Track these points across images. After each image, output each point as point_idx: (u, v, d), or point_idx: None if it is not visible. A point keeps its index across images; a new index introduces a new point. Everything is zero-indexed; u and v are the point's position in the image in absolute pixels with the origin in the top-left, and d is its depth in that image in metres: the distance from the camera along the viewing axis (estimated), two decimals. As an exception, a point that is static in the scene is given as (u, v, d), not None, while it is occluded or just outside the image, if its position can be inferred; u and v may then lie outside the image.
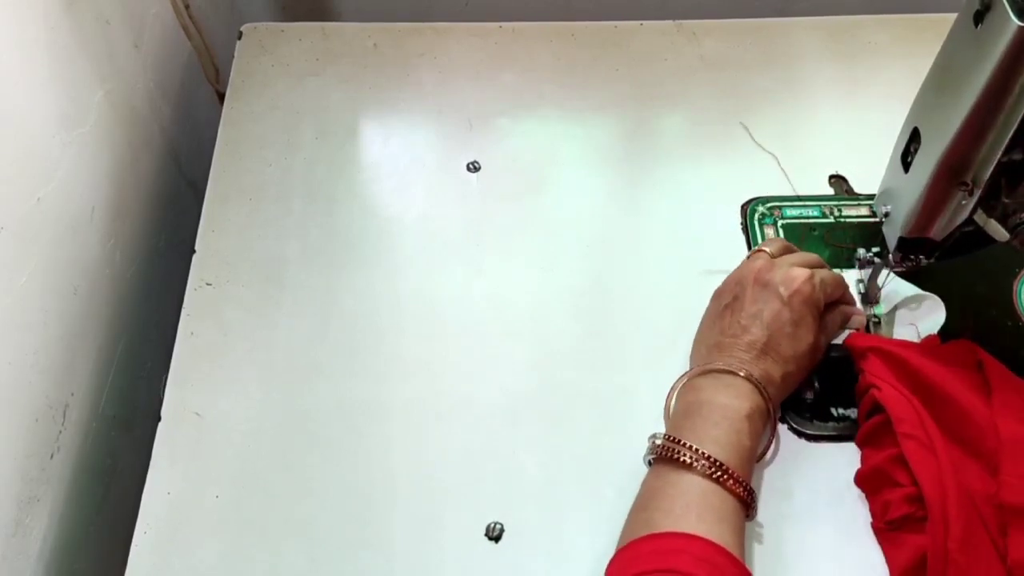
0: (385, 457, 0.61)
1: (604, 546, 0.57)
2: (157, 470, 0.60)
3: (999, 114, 0.48)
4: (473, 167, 0.75)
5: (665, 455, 0.53)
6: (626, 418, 0.63)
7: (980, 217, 0.52)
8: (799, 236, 0.71)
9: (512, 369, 0.65)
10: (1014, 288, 0.68)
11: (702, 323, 0.63)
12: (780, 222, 0.72)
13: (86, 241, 0.67)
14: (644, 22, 0.85)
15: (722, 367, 0.57)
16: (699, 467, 0.52)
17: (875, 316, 0.65)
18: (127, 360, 0.73)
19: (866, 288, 0.65)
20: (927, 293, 0.63)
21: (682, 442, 0.53)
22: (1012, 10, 0.44)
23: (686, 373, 0.59)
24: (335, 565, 0.57)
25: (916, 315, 0.64)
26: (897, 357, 0.58)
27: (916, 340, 0.62)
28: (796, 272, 0.59)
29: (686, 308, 0.68)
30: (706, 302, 0.68)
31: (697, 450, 0.52)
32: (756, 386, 0.55)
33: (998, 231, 0.52)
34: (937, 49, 0.53)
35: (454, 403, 0.63)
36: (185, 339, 0.66)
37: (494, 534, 0.58)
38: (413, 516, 0.59)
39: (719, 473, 0.51)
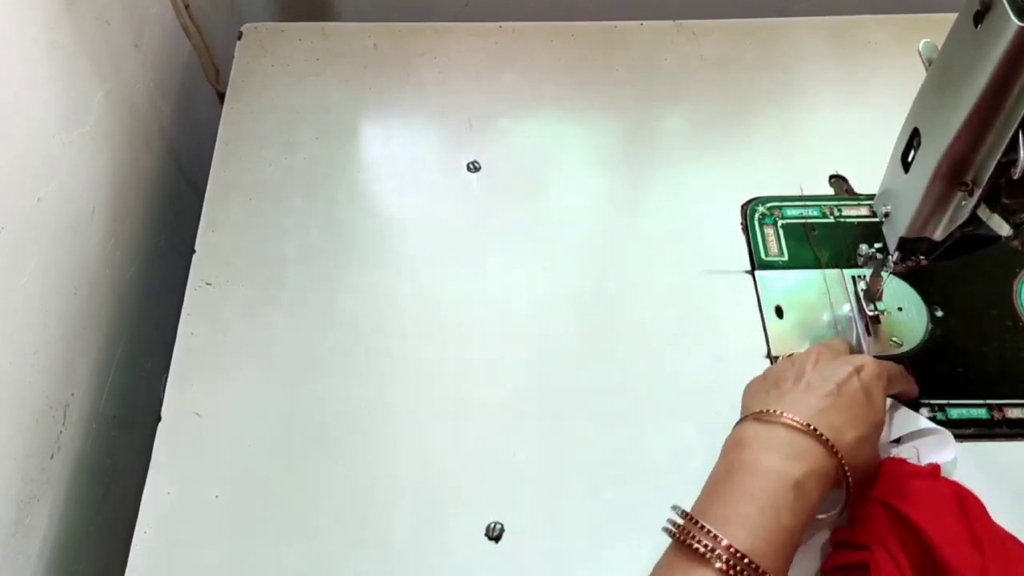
0: (385, 457, 0.61)
1: (604, 546, 0.58)
2: (157, 470, 0.60)
3: (999, 114, 0.48)
4: (473, 167, 0.75)
5: (680, 539, 0.46)
6: (626, 418, 0.63)
7: (983, 212, 0.52)
8: (799, 236, 0.71)
9: (512, 369, 0.65)
10: (1014, 288, 0.68)
11: (751, 382, 0.56)
12: (780, 222, 0.72)
13: (86, 241, 0.67)
14: (644, 22, 0.85)
15: (779, 412, 0.49)
16: (717, 562, 0.43)
17: (876, 310, 0.65)
18: (127, 360, 0.73)
19: (868, 284, 0.65)
20: (940, 428, 0.59)
21: (701, 525, 0.45)
22: (1012, 10, 0.44)
23: (739, 421, 0.52)
24: (335, 565, 0.57)
25: (922, 444, 0.58)
26: (899, 513, 0.53)
27: (917, 463, 0.57)
28: (864, 356, 0.55)
29: (686, 308, 0.68)
30: (706, 302, 0.68)
31: (718, 538, 0.44)
32: (819, 440, 0.47)
33: (1001, 225, 0.52)
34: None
35: (454, 403, 0.63)
36: (185, 339, 0.66)
37: (494, 534, 0.58)
38: (413, 516, 0.59)
39: (741, 569, 0.43)
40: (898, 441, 0.60)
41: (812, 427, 0.48)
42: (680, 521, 0.47)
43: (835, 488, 0.50)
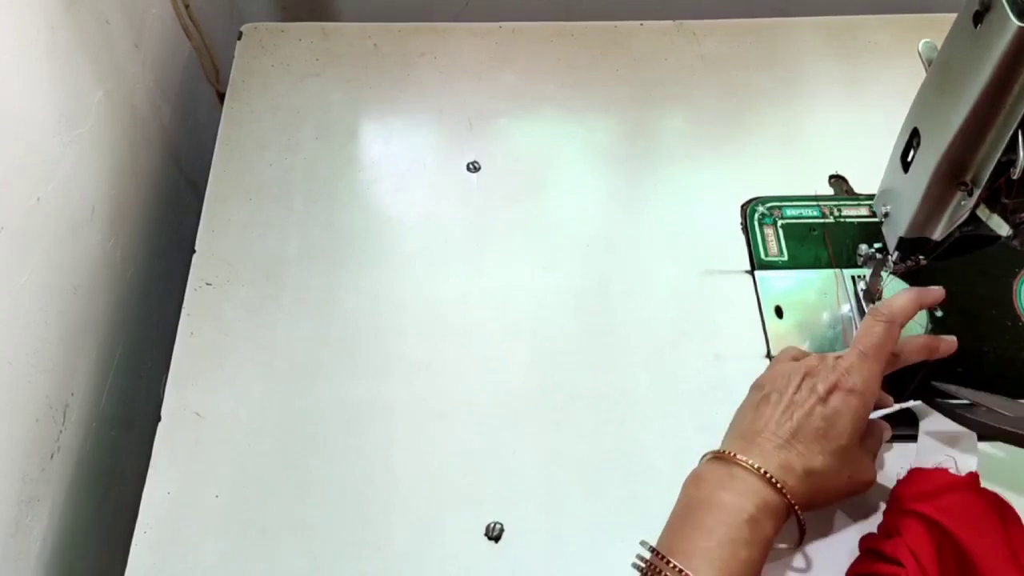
0: (385, 457, 0.61)
1: (604, 546, 0.58)
2: (157, 470, 0.60)
3: (999, 114, 0.48)
4: (473, 167, 0.75)
5: (648, 574, 0.49)
6: (626, 418, 0.63)
7: (983, 212, 0.52)
8: (799, 236, 0.71)
9: (512, 369, 0.65)
10: (1014, 288, 0.68)
11: (738, 411, 0.58)
12: (780, 222, 0.72)
13: (86, 241, 0.67)
14: (644, 22, 0.85)
15: (734, 455, 0.52)
16: None
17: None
18: (127, 360, 0.73)
19: (867, 285, 0.65)
20: (962, 429, 0.58)
21: (667, 560, 0.49)
22: (1012, 10, 0.44)
23: (704, 455, 0.55)
24: (335, 565, 0.57)
25: (957, 452, 0.58)
26: (942, 528, 0.53)
27: (955, 472, 0.56)
28: (831, 360, 0.55)
29: (686, 308, 0.68)
30: (706, 302, 0.68)
31: (683, 572, 0.48)
32: (764, 479, 0.51)
33: (1001, 225, 0.52)
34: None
35: (454, 403, 0.63)
36: (185, 339, 0.66)
37: (494, 534, 0.58)
38: (413, 516, 0.59)
39: None
40: (912, 437, 0.59)
41: (762, 470, 0.51)
42: (648, 555, 0.50)
43: (789, 518, 0.52)
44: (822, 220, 0.72)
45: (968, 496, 0.55)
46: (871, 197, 0.66)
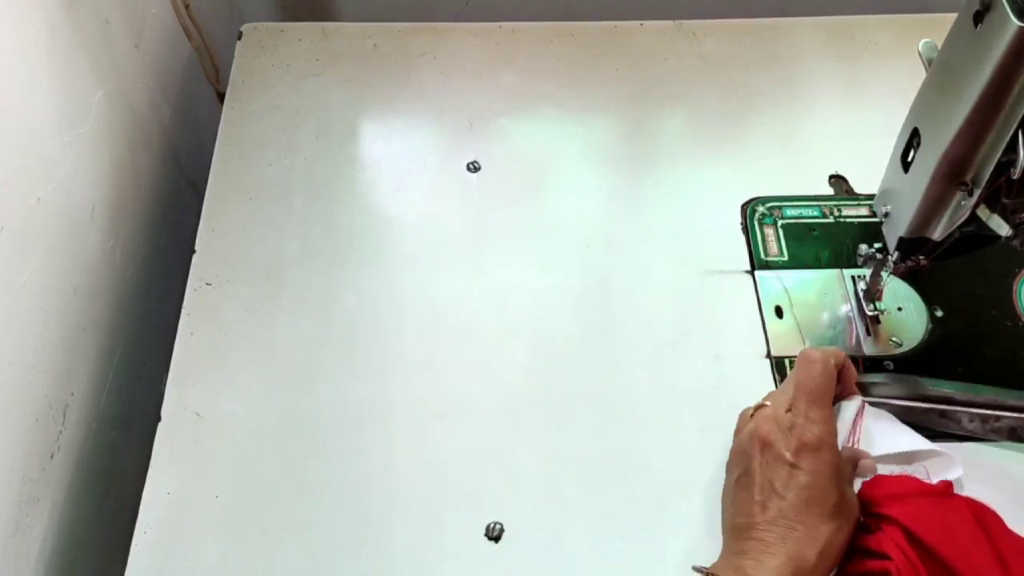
0: (385, 457, 0.61)
1: (604, 546, 0.58)
2: (157, 470, 0.60)
3: (999, 114, 0.48)
4: (473, 167, 0.75)
5: None
6: (626, 418, 0.63)
7: (983, 212, 0.52)
8: (799, 236, 0.71)
9: (512, 369, 0.65)
10: (1014, 288, 0.68)
11: (723, 498, 0.56)
12: (780, 222, 0.72)
13: (86, 241, 0.67)
14: (644, 22, 0.85)
15: (739, 558, 0.50)
16: None
17: (876, 310, 0.65)
18: (127, 360, 0.73)
19: (867, 285, 0.65)
20: (938, 448, 0.57)
21: None
22: (1012, 10, 0.44)
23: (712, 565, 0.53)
24: (335, 565, 0.57)
25: (930, 463, 0.57)
26: (914, 536, 0.51)
27: (927, 480, 0.55)
28: (783, 418, 0.53)
29: (686, 308, 0.68)
30: (706, 302, 0.68)
31: None
32: None
33: (1001, 225, 0.52)
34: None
35: (454, 403, 0.63)
36: (185, 339, 0.66)
37: (494, 534, 0.58)
38: (413, 516, 0.59)
39: None
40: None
41: (772, 566, 0.48)
42: None
43: None
44: (822, 220, 0.72)
45: (938, 502, 0.53)
46: (871, 197, 0.66)
